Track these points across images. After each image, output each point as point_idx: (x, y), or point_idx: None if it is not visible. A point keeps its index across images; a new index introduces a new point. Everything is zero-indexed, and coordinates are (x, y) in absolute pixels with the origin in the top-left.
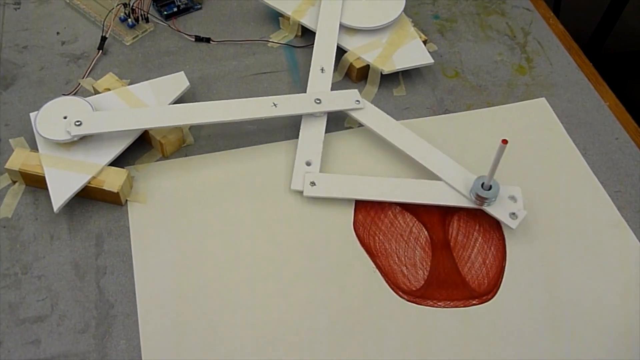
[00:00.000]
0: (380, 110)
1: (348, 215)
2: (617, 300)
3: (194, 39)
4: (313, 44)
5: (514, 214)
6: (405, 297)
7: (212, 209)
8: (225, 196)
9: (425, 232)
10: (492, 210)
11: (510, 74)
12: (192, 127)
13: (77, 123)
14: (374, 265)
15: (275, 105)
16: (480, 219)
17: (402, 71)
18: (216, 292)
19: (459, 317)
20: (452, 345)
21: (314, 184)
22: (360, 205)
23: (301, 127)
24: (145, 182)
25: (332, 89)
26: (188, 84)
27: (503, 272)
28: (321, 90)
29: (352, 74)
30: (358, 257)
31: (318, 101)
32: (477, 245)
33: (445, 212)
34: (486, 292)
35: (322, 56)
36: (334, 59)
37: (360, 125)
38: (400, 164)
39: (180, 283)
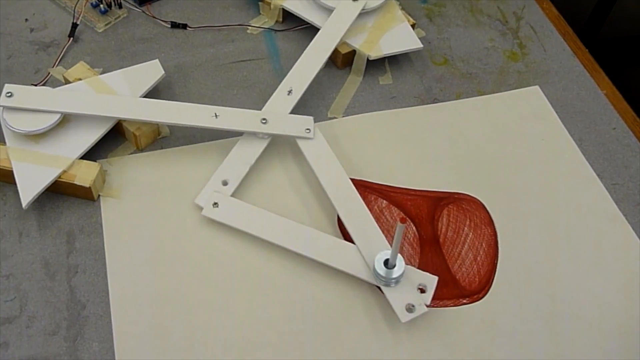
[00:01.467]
0: (329, 149)
1: (304, 205)
2: (615, 299)
3: (169, 25)
4: (295, 27)
5: (412, 306)
6: None
7: (190, 204)
8: (200, 190)
9: (414, 228)
10: (389, 293)
11: (502, 60)
12: None
13: (8, 94)
14: None
15: (216, 115)
16: (471, 214)
17: (388, 58)
18: (195, 292)
19: (449, 317)
20: (441, 347)
21: (217, 205)
22: None
23: (237, 143)
24: (118, 176)
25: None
26: (163, 72)
27: (495, 270)
28: (276, 112)
29: (337, 60)
30: None
31: (264, 121)
32: (468, 241)
33: (435, 207)
34: (477, 290)
35: (297, 78)
36: (306, 86)
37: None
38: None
39: (157, 282)
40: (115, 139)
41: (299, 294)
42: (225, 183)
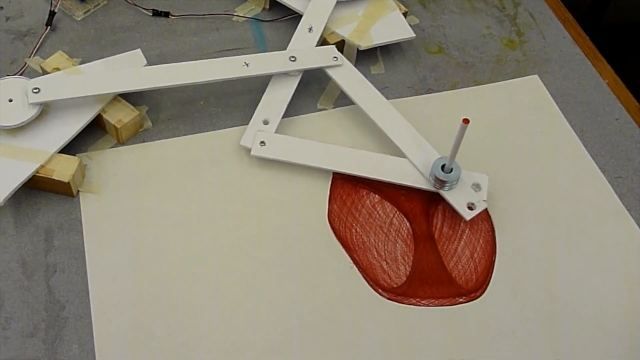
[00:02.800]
0: (359, 72)
1: (322, 205)
2: (618, 297)
3: (151, 13)
4: (283, 17)
5: (472, 204)
6: (386, 295)
7: (173, 200)
8: (187, 185)
9: (407, 224)
10: (449, 196)
11: (499, 49)
12: (149, 111)
13: (35, 90)
14: (350, 260)
15: (247, 64)
16: None
17: (380, 47)
18: (178, 291)
19: (445, 317)
20: (437, 348)
21: (264, 144)
22: (336, 195)
23: (269, 85)
24: (99, 170)
25: None
26: (145, 62)
27: (493, 267)
28: (301, 48)
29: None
30: (333, 251)
31: (293, 59)
32: (464, 237)
33: (429, 202)
34: (474, 288)
35: (316, 14)
36: (326, 21)
37: (335, 107)
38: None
39: (139, 281)
40: (95, 132)
41: (287, 294)
42: (266, 122)
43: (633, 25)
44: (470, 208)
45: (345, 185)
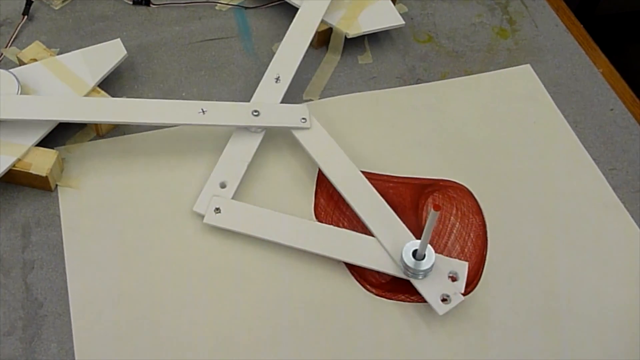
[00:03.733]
0: (329, 135)
1: (308, 199)
2: (614, 292)
3: (131, 2)
4: (267, 4)
5: (448, 297)
6: (374, 291)
7: (156, 194)
8: (170, 178)
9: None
10: (420, 286)
11: (490, 37)
12: None
13: None
14: None
15: (203, 111)
16: (457, 202)
17: (368, 36)
18: (161, 288)
19: (435, 314)
20: (426, 345)
21: (219, 211)
22: (322, 189)
23: (230, 140)
24: (78, 164)
25: None
26: (125, 53)
27: (484, 262)
28: (267, 102)
29: (312, 39)
30: None
31: (256, 113)
32: (455, 232)
33: (419, 195)
34: (465, 284)
35: (283, 63)
36: (294, 71)
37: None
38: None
39: (120, 278)
40: (73, 124)
41: (274, 291)
42: (223, 185)
43: (628, 13)
44: (445, 300)
45: None
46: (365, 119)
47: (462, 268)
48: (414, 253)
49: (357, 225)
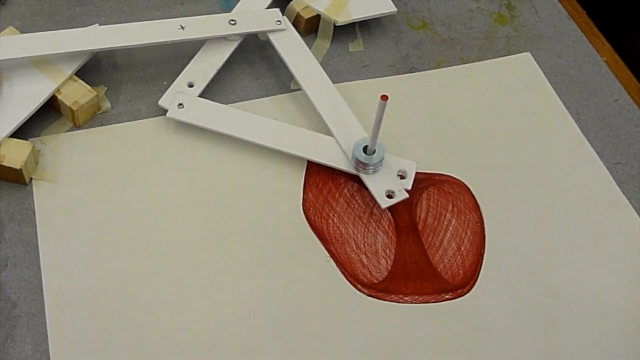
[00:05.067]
0: (301, 40)
1: (296, 193)
2: (617, 292)
3: None
4: None
5: (392, 192)
6: (366, 291)
7: (135, 188)
8: (150, 172)
9: (389, 214)
10: (369, 181)
11: (488, 24)
12: (108, 91)
13: None
14: (327, 254)
15: (182, 27)
16: (453, 198)
17: (359, 22)
18: (141, 288)
19: (430, 315)
20: (421, 348)
21: (182, 106)
22: (311, 183)
23: (202, 47)
24: (53, 156)
25: None
26: None
27: (482, 261)
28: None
29: (299, 26)
30: (308, 243)
31: (232, 22)
32: (451, 228)
33: (413, 190)
34: (462, 284)
35: None
36: None
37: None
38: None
39: (97, 277)
40: (49, 114)
41: (258, 291)
42: (191, 85)
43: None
44: (390, 197)
45: (322, 172)
46: (356, 109)
47: (411, 167)
48: (365, 148)
49: (348, 221)
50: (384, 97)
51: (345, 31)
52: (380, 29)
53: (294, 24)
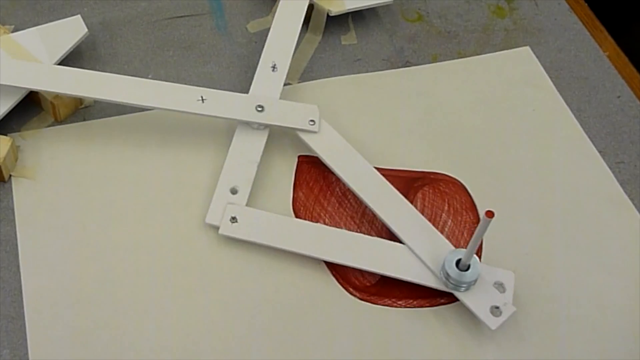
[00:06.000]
0: (340, 136)
1: (286, 192)
2: (620, 297)
3: None
4: None
5: (497, 308)
6: (358, 294)
7: (118, 186)
8: (134, 170)
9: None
10: (467, 299)
11: (486, 16)
12: None
13: None
14: None
15: (202, 99)
16: (449, 197)
17: (352, 14)
18: (124, 290)
19: (424, 319)
20: (415, 354)
21: (235, 220)
22: (301, 181)
23: (234, 138)
24: (34, 152)
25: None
26: (86, 30)
27: None
28: (268, 95)
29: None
30: None
31: (260, 108)
32: (447, 230)
33: (407, 190)
34: None
35: (277, 49)
36: (291, 56)
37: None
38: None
39: (79, 278)
40: (29, 109)
41: (246, 294)
42: (234, 191)
43: None
44: (495, 313)
45: (312, 170)
46: (348, 105)
47: (509, 277)
48: (457, 263)
49: (340, 222)
50: (490, 214)
51: (337, 23)
52: (374, 21)
53: None
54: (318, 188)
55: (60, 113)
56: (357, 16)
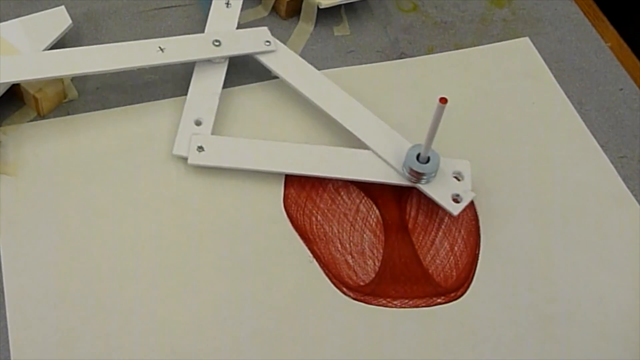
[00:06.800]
0: (296, 55)
1: (277, 189)
2: (623, 297)
3: None
4: None
5: (458, 196)
6: (351, 294)
7: (103, 183)
8: (120, 166)
9: (377, 211)
10: (429, 189)
11: (484, 6)
12: (75, 79)
13: None
14: (310, 254)
15: (161, 49)
16: None
17: (345, 4)
18: (109, 291)
19: (421, 320)
20: (411, 356)
21: (202, 149)
22: (293, 177)
23: (193, 76)
24: (15, 148)
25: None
26: (70, 22)
27: (476, 262)
28: (223, 30)
29: (280, 8)
30: (290, 243)
31: (217, 43)
32: (443, 227)
33: (402, 186)
34: (455, 287)
35: None
36: None
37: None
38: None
39: (63, 279)
40: (10, 103)
41: (236, 294)
42: (198, 123)
43: None
44: (456, 200)
45: None
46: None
47: (465, 166)
48: (417, 156)
49: (333, 219)
50: (443, 100)
51: (329, 14)
52: (367, 11)
53: (274, 7)
54: (310, 184)
55: (43, 107)
56: (350, 6)
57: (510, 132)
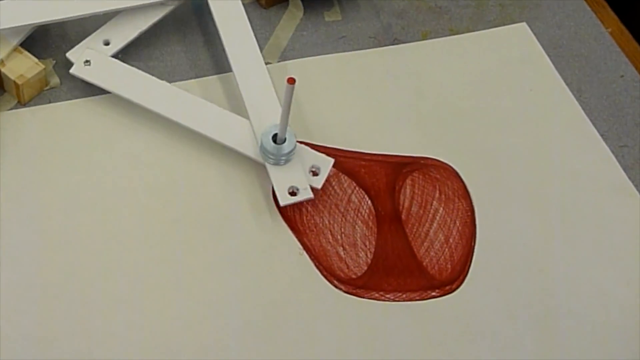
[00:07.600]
0: (245, 14)
1: (266, 180)
2: (623, 290)
3: None
4: None
5: (297, 189)
6: (343, 287)
7: (86, 173)
8: (103, 155)
9: (369, 202)
10: (272, 172)
11: None
12: (57, 65)
13: None
14: (300, 246)
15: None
16: (441, 184)
17: None
18: (93, 285)
19: (414, 314)
20: (404, 350)
21: (89, 64)
22: None
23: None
24: None
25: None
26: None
27: (472, 254)
28: None
29: None
30: (279, 234)
31: None
32: (438, 218)
33: (396, 175)
34: (450, 280)
35: None
36: None
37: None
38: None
39: (45, 273)
40: None
41: (223, 288)
42: (107, 43)
43: None
44: (292, 193)
45: None
46: (332, 85)
47: (327, 163)
48: (275, 137)
49: (324, 210)
50: (291, 80)
51: None
52: None
53: None
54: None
55: (24, 94)
56: None
57: (507, 121)
